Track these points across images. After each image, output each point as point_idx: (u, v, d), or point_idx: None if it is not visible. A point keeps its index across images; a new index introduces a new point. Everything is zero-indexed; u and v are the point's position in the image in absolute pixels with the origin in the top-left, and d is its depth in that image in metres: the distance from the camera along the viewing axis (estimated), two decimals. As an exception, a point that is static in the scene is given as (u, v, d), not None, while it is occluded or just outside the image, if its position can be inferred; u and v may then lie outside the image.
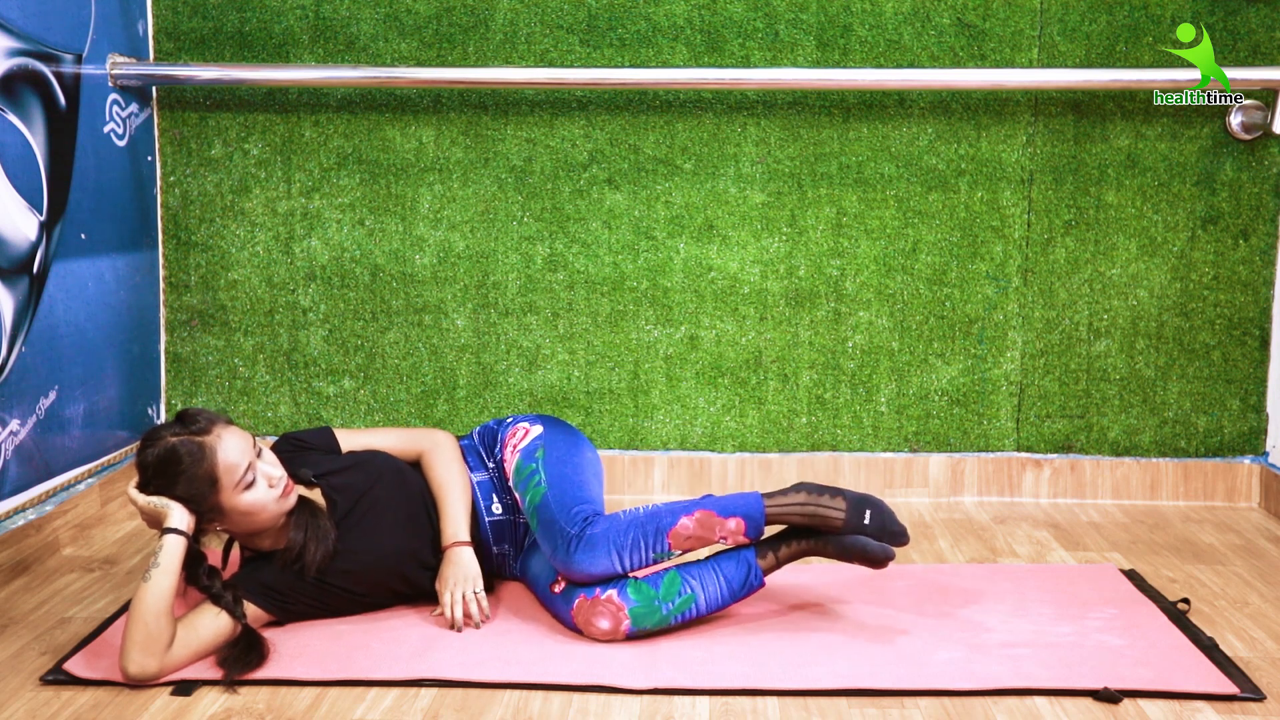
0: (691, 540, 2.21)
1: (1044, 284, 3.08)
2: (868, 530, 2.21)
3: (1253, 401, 3.10)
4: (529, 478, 2.32)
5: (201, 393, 3.15)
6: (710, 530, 2.21)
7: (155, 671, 2.01)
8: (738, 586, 2.24)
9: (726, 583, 2.23)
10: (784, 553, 2.27)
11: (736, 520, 2.22)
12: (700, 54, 3.03)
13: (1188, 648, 2.15)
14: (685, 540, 2.21)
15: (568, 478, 2.31)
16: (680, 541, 2.21)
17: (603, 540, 2.17)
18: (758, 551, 2.27)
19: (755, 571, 2.24)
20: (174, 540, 2.06)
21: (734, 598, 2.24)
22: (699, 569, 2.24)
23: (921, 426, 3.13)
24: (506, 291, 3.11)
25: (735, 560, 2.25)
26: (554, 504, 2.25)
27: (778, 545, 2.27)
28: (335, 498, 2.29)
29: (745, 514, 2.22)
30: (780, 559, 2.27)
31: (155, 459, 2.08)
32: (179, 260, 3.13)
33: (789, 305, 3.10)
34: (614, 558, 2.17)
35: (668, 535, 2.20)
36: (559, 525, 2.21)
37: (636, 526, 2.20)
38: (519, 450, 2.38)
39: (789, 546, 2.27)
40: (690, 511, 2.22)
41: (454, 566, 2.28)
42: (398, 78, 2.95)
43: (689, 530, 2.21)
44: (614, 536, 2.18)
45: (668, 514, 2.22)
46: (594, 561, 2.17)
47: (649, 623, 2.17)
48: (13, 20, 2.48)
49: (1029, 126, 3.04)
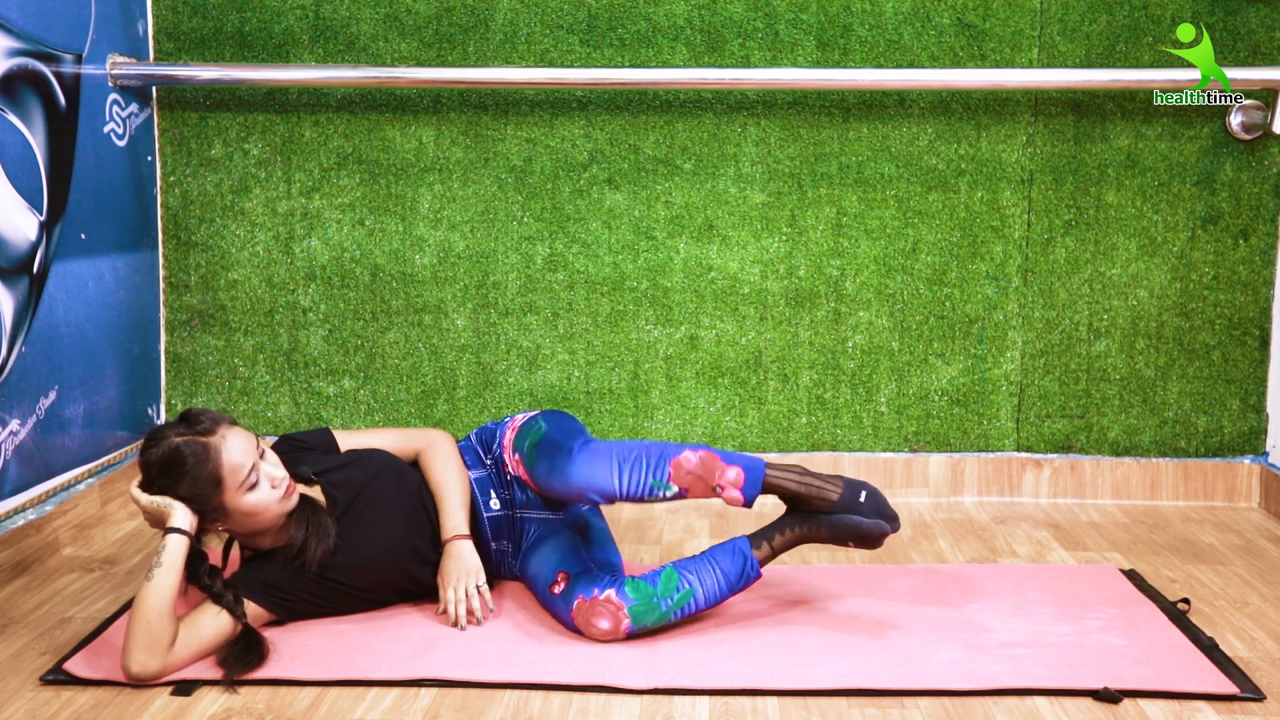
0: (690, 476, 2.19)
1: (1044, 284, 3.08)
2: (862, 509, 2.20)
3: (1253, 401, 3.10)
4: (528, 431, 2.35)
5: (201, 393, 3.16)
6: (710, 472, 2.19)
7: (157, 671, 2.01)
8: (735, 579, 2.23)
9: (723, 575, 2.22)
10: (778, 541, 2.26)
11: (736, 470, 2.19)
12: (700, 54, 3.03)
13: (1188, 648, 2.15)
14: (685, 475, 2.19)
15: (567, 425, 2.36)
16: (680, 475, 2.19)
17: (605, 451, 2.19)
18: (752, 543, 2.26)
19: (751, 563, 2.24)
20: (176, 540, 2.06)
21: (731, 590, 2.24)
22: (695, 564, 2.24)
23: (921, 426, 3.13)
24: (506, 291, 3.11)
25: (730, 553, 2.25)
26: (554, 433, 2.29)
27: (772, 535, 2.26)
28: (335, 494, 2.29)
29: (746, 466, 2.21)
30: (775, 548, 2.26)
31: (159, 459, 2.08)
32: (179, 260, 3.13)
33: (789, 305, 3.10)
34: (613, 467, 2.17)
35: (670, 463, 2.19)
36: (560, 444, 2.24)
37: (641, 447, 2.21)
38: (518, 426, 2.41)
39: (783, 535, 2.25)
40: (696, 449, 2.21)
41: (455, 560, 2.28)
42: (398, 78, 2.95)
43: (690, 464, 2.19)
44: (617, 450, 2.19)
45: (673, 446, 2.22)
46: (593, 469, 2.18)
47: (649, 620, 2.17)
48: (13, 20, 2.48)
49: (1029, 126, 3.04)
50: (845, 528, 2.21)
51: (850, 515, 2.20)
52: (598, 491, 2.18)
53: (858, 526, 2.20)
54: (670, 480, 2.19)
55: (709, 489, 2.21)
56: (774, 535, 2.26)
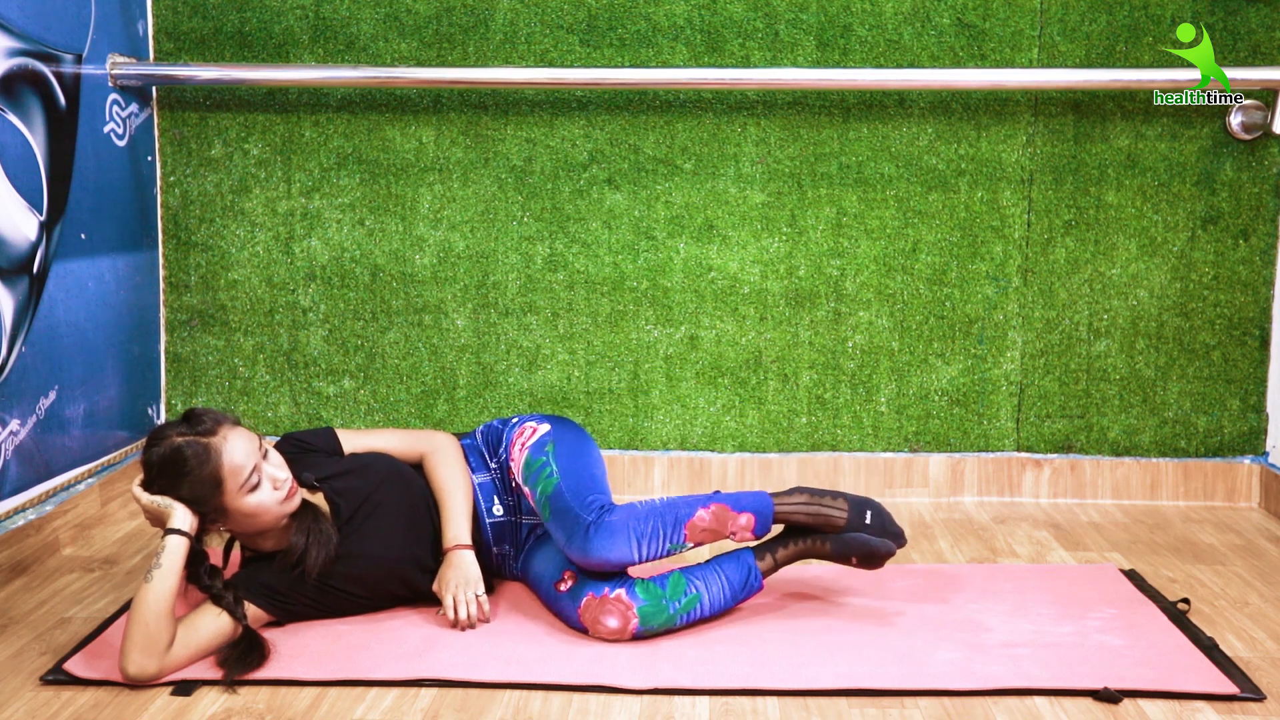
0: (706, 533, 2.24)
1: (1044, 284, 3.08)
2: (869, 529, 2.26)
3: (1253, 401, 3.10)
4: (539, 470, 2.32)
5: (201, 393, 3.15)
6: (724, 524, 2.24)
7: (155, 672, 2.00)
8: (739, 588, 2.26)
9: (728, 584, 2.25)
10: (782, 555, 2.31)
11: (748, 516, 2.25)
12: (700, 54, 3.03)
13: (1188, 648, 2.15)
14: (700, 533, 2.23)
15: (580, 470, 2.32)
16: (695, 534, 2.23)
17: (622, 528, 2.19)
18: (756, 554, 2.30)
19: (755, 573, 2.27)
20: (176, 541, 2.06)
21: (735, 599, 2.27)
22: (702, 570, 2.25)
23: (921, 426, 3.13)
24: (506, 291, 3.11)
25: (735, 562, 2.28)
26: (568, 493, 2.26)
27: (775, 548, 2.31)
28: (338, 502, 2.28)
29: (756, 510, 2.25)
30: (779, 561, 2.31)
31: (160, 459, 2.08)
32: (179, 260, 3.13)
33: (789, 305, 3.10)
34: (632, 544, 2.18)
35: (685, 526, 2.22)
36: (575, 513, 2.22)
37: (655, 516, 2.21)
38: (527, 447, 2.38)
39: (786, 549, 2.30)
40: (706, 505, 2.25)
41: (454, 569, 2.28)
42: (398, 78, 2.95)
43: (705, 523, 2.23)
44: (633, 524, 2.20)
45: (684, 506, 2.24)
46: (613, 547, 2.18)
47: (656, 622, 2.18)
48: (13, 20, 2.48)
49: (1029, 126, 3.04)
50: (850, 546, 2.27)
51: (855, 534, 2.25)
52: (617, 565, 2.21)
53: (865, 544, 2.26)
54: (686, 540, 2.24)
55: (724, 536, 2.26)
56: (778, 548, 2.31)
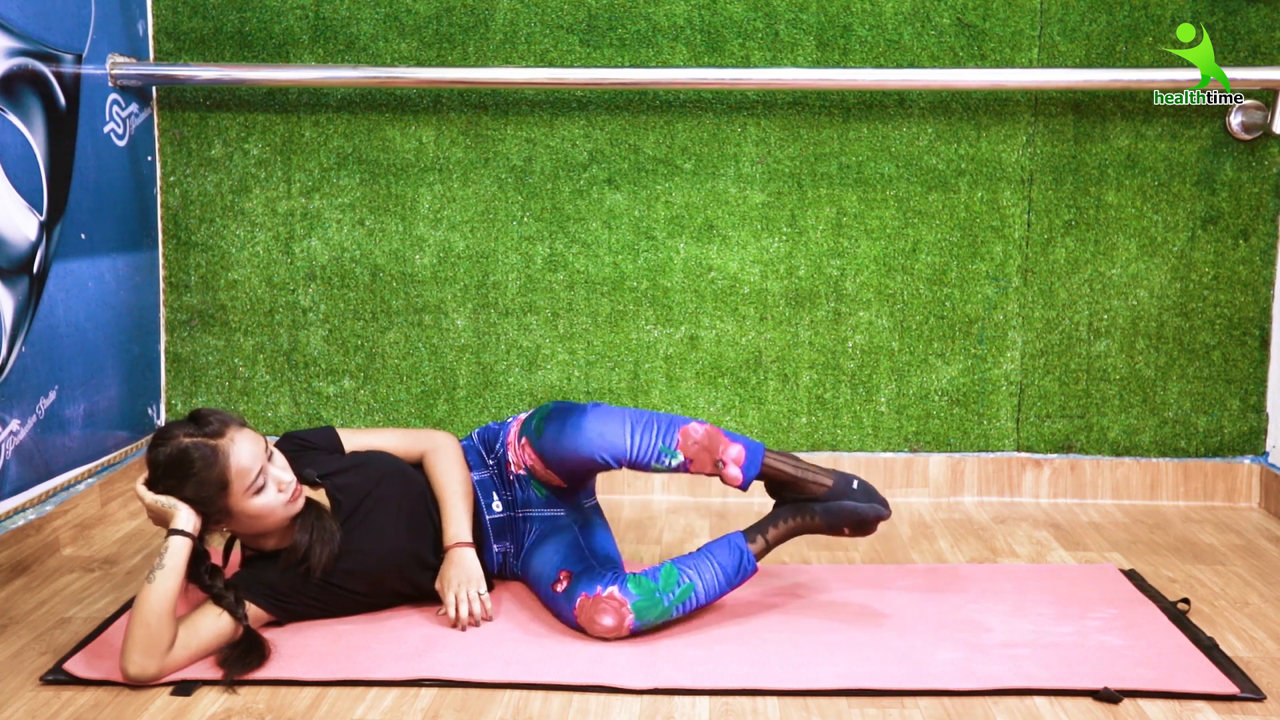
0: (696, 447, 2.23)
1: (1044, 284, 3.08)
2: (854, 495, 2.24)
3: (1253, 401, 3.10)
4: (536, 414, 2.37)
5: (201, 393, 3.16)
6: (715, 445, 2.24)
7: (155, 673, 2.00)
8: (732, 573, 2.25)
9: (721, 570, 2.24)
10: (773, 534, 2.29)
11: (739, 448, 2.25)
12: (700, 54, 3.03)
13: (1188, 648, 2.15)
14: (691, 445, 2.23)
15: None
16: (687, 444, 2.23)
17: (618, 412, 2.23)
18: (747, 536, 2.28)
19: (748, 556, 2.26)
20: (179, 542, 2.06)
21: (730, 585, 2.25)
22: (693, 559, 2.25)
23: (921, 426, 3.13)
24: (506, 291, 3.11)
25: (727, 546, 2.27)
26: (563, 404, 2.31)
27: (765, 528, 2.29)
28: (340, 498, 2.28)
29: (747, 445, 2.26)
30: (770, 541, 2.29)
31: (166, 459, 2.07)
32: (179, 260, 3.13)
33: (789, 305, 3.10)
34: (626, 427, 2.21)
35: (679, 430, 2.23)
36: (572, 408, 2.27)
37: (651, 413, 2.26)
38: (523, 419, 2.42)
39: (776, 528, 2.29)
40: (702, 423, 2.26)
41: (456, 567, 2.28)
42: (398, 78, 2.95)
43: (697, 435, 2.24)
44: (629, 412, 2.24)
45: (680, 416, 2.27)
46: (606, 425, 2.21)
47: (652, 615, 2.17)
48: (13, 20, 2.48)
49: (1029, 126, 3.04)
50: (839, 513, 2.25)
51: (843, 501, 2.23)
52: (609, 451, 2.21)
53: (854, 511, 2.24)
54: (678, 448, 2.23)
55: (712, 463, 2.25)
56: (768, 528, 2.29)
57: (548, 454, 2.30)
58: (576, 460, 2.26)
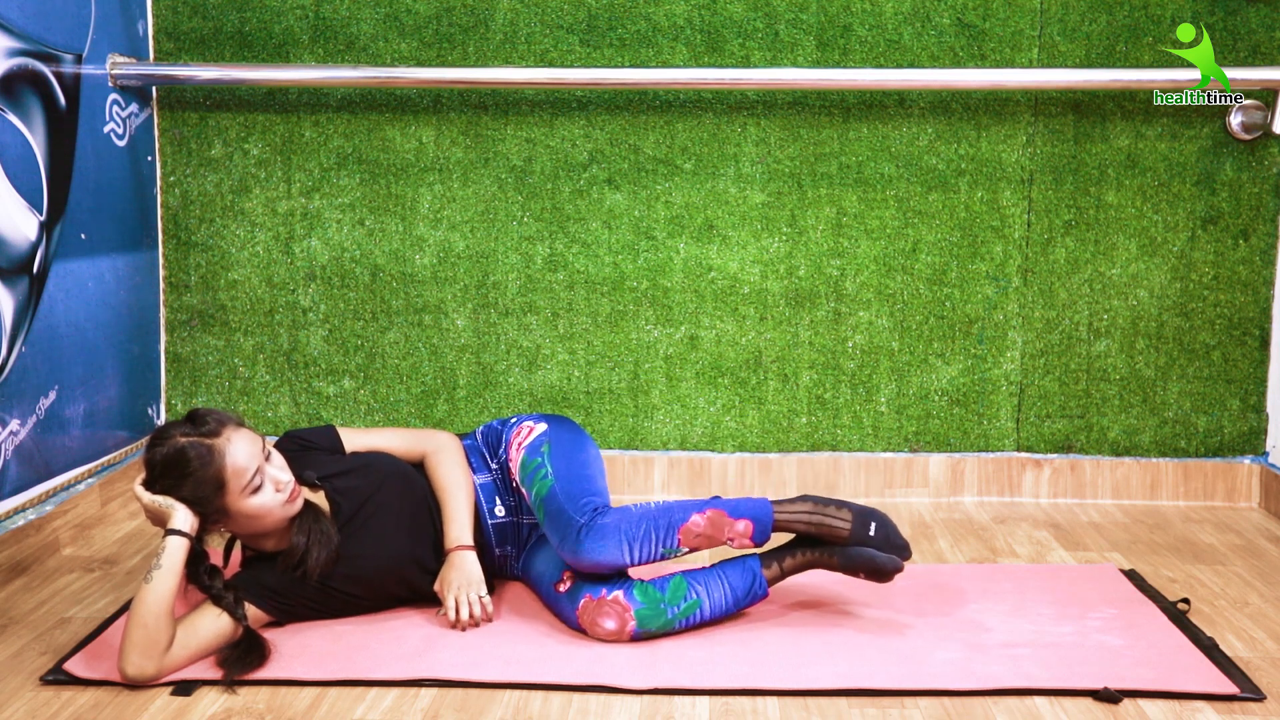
0: (700, 539, 2.22)
1: (1044, 284, 3.08)
2: (873, 542, 2.23)
3: (1253, 401, 3.10)
4: (535, 471, 2.32)
5: (201, 393, 3.16)
6: (719, 530, 2.22)
7: (153, 673, 2.00)
8: (742, 595, 2.25)
9: (731, 590, 2.23)
10: (789, 564, 2.28)
11: (745, 523, 2.23)
12: (700, 54, 3.03)
13: (1188, 648, 2.15)
14: (695, 538, 2.22)
15: (574, 471, 2.31)
16: (690, 539, 2.21)
17: (614, 530, 2.18)
18: (763, 561, 2.28)
19: (760, 581, 2.26)
20: (176, 542, 2.06)
21: (737, 606, 2.25)
22: (705, 575, 2.24)
23: (921, 426, 3.13)
24: (506, 291, 3.11)
25: (741, 568, 2.26)
26: (562, 495, 2.25)
27: (783, 556, 2.29)
28: (339, 501, 2.28)
29: (754, 517, 2.24)
30: (785, 570, 2.28)
31: (163, 459, 2.07)
32: (179, 260, 3.13)
33: (789, 305, 3.10)
34: (624, 548, 2.18)
35: (678, 531, 2.21)
36: (568, 515, 2.22)
37: (648, 519, 2.20)
38: (524, 447, 2.38)
39: (794, 558, 2.28)
40: (702, 510, 2.23)
41: (456, 570, 2.28)
42: (398, 78, 2.95)
43: (699, 528, 2.21)
44: (625, 527, 2.18)
45: (679, 510, 2.23)
46: (603, 550, 2.17)
47: (654, 625, 2.17)
48: (13, 20, 2.48)
49: (1029, 126, 3.04)
50: (857, 560, 2.24)
51: (864, 550, 2.23)
52: (609, 567, 2.20)
53: (871, 560, 2.23)
54: (680, 545, 2.22)
55: (720, 544, 2.25)
56: (785, 558, 2.29)
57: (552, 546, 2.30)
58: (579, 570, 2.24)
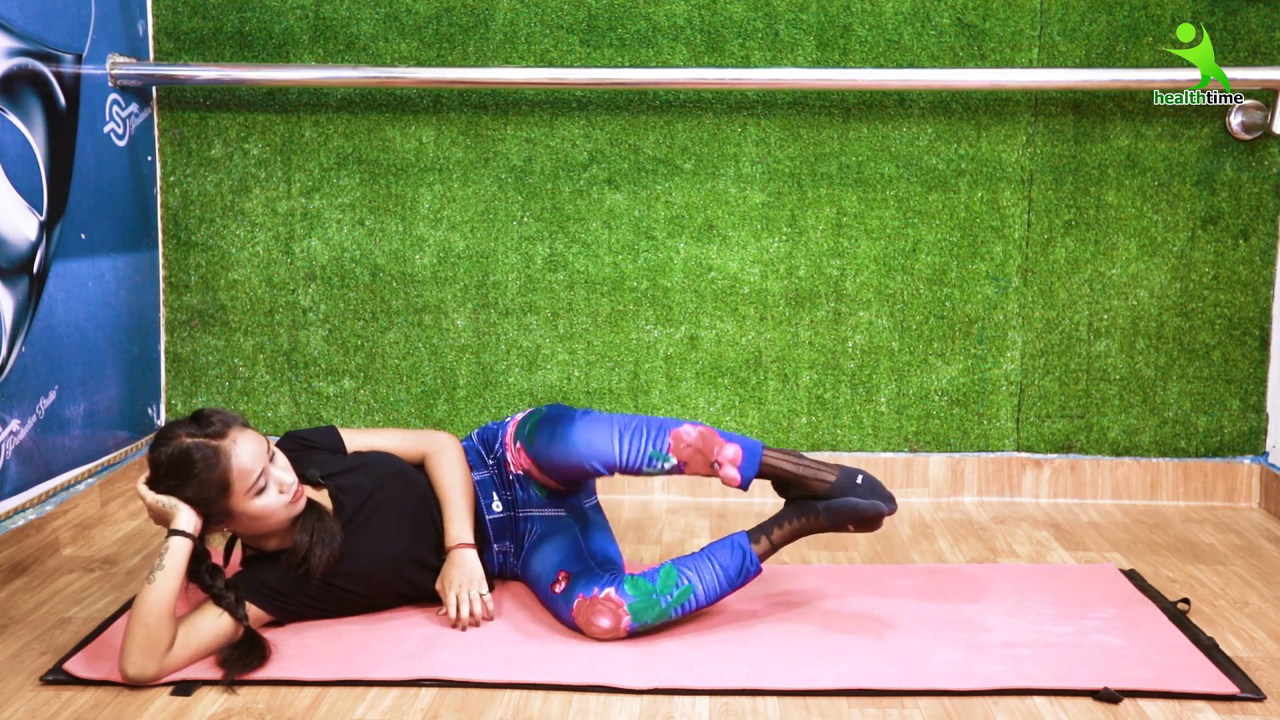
0: (689, 449, 2.22)
1: (1044, 284, 3.08)
2: (858, 491, 2.22)
3: (1253, 401, 3.10)
4: (530, 417, 2.37)
5: (201, 393, 3.16)
6: (709, 447, 2.22)
7: (154, 673, 2.00)
8: (734, 574, 2.23)
9: (722, 571, 2.23)
10: (777, 535, 2.26)
11: (735, 448, 2.22)
12: (700, 54, 3.03)
13: (1188, 648, 2.15)
14: (684, 448, 2.22)
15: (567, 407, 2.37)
16: (679, 447, 2.22)
17: (607, 419, 2.22)
18: (751, 537, 2.26)
19: (751, 557, 2.24)
20: (179, 543, 2.06)
21: (731, 586, 2.24)
22: (694, 560, 2.24)
23: (921, 426, 3.13)
24: (506, 291, 3.11)
25: (729, 547, 2.25)
26: (555, 410, 2.31)
27: (770, 529, 2.27)
28: (342, 499, 2.28)
29: (744, 445, 2.24)
30: (774, 542, 2.27)
31: (168, 459, 2.07)
32: (179, 260, 3.13)
33: (789, 305, 3.10)
34: (614, 434, 2.20)
35: (670, 434, 2.22)
36: (563, 415, 2.27)
37: (641, 418, 2.25)
38: (519, 420, 2.42)
39: (781, 528, 2.26)
40: (696, 424, 2.25)
41: (457, 568, 2.28)
42: (398, 78, 2.95)
43: (690, 438, 2.22)
44: (618, 419, 2.23)
45: (673, 420, 2.26)
46: (594, 432, 2.20)
47: (649, 616, 2.17)
48: (13, 20, 2.48)
49: (1029, 126, 3.04)
50: (843, 511, 2.23)
51: (847, 498, 2.22)
52: (598, 458, 2.21)
53: (855, 508, 2.22)
54: (669, 451, 2.22)
55: (707, 464, 2.23)
56: (773, 529, 2.27)
57: (540, 460, 2.31)
58: (567, 467, 2.27)
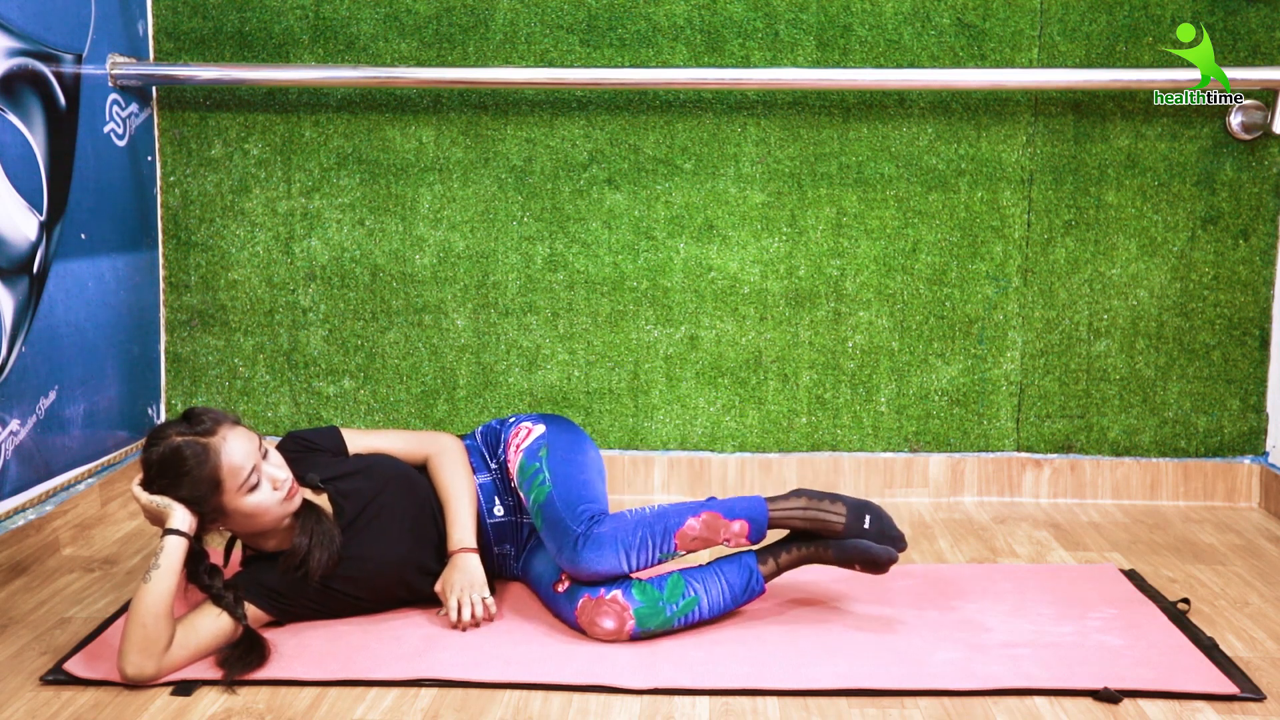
0: (697, 541, 2.23)
1: (1044, 284, 3.08)
2: (868, 534, 2.24)
3: (1253, 401, 3.10)
4: (533, 477, 2.32)
5: (201, 393, 3.15)
6: (715, 532, 2.23)
7: (153, 673, 2.00)
8: (739, 592, 2.25)
9: (729, 587, 2.24)
10: (785, 559, 2.30)
11: (741, 523, 2.24)
12: (700, 54, 3.03)
13: (1188, 648, 2.15)
14: (691, 541, 2.23)
15: (572, 476, 2.31)
16: (686, 542, 2.23)
17: (610, 539, 2.18)
18: (759, 558, 2.29)
19: (756, 577, 2.26)
20: (175, 542, 2.06)
21: (735, 602, 2.26)
22: (702, 573, 2.24)
23: (921, 426, 3.13)
24: (506, 291, 3.11)
25: (737, 565, 2.27)
26: (559, 503, 2.25)
27: (779, 552, 2.30)
28: (342, 503, 2.28)
29: (749, 517, 2.25)
30: (781, 565, 2.30)
31: (159, 458, 2.08)
32: (179, 260, 3.13)
33: (789, 305, 3.10)
34: (620, 556, 2.18)
35: (674, 536, 2.22)
36: (565, 524, 2.22)
37: (644, 526, 2.21)
38: (522, 450, 2.38)
39: (789, 553, 2.29)
40: (696, 513, 2.23)
41: (459, 572, 2.28)
42: (398, 78, 2.95)
43: (695, 531, 2.22)
44: (621, 536, 2.19)
45: (674, 515, 2.23)
46: (601, 560, 2.17)
47: (653, 624, 2.17)
48: (13, 20, 2.48)
49: (1029, 126, 3.04)
50: (852, 552, 2.25)
51: (858, 541, 2.24)
52: (608, 576, 2.20)
53: (866, 551, 2.24)
54: (677, 549, 2.23)
55: (716, 545, 2.26)
56: (780, 553, 2.30)
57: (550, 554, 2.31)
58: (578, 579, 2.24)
